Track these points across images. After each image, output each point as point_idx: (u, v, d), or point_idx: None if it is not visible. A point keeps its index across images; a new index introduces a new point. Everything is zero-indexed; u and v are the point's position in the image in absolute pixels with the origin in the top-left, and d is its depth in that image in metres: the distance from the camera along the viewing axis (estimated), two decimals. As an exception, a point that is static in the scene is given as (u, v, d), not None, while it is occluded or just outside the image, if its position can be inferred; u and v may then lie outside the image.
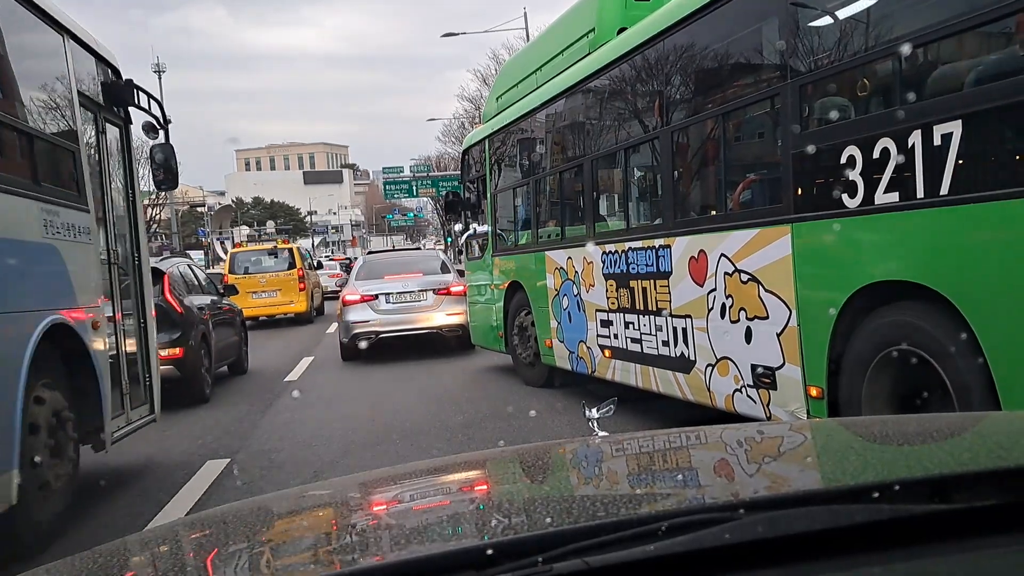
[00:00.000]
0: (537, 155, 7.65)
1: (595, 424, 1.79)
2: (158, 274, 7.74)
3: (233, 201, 78.31)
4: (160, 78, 42.03)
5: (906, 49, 3.28)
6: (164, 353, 7.08)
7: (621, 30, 6.05)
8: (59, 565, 1.07)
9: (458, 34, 25.25)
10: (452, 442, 5.76)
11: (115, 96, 5.47)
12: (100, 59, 5.31)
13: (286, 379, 9.72)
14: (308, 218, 76.01)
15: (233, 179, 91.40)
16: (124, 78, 5.61)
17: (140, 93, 5.67)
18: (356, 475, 1.57)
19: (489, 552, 0.81)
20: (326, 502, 1.36)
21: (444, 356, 10.75)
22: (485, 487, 1.40)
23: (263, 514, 1.31)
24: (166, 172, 5.84)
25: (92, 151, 5.08)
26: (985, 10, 3.00)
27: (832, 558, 0.83)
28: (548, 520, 1.02)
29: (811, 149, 3.79)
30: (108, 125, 5.39)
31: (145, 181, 12.77)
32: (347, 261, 34.37)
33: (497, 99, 8.72)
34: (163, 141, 5.82)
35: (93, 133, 5.16)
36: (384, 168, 43.79)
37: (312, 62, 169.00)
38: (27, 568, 1.09)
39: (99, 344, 4.60)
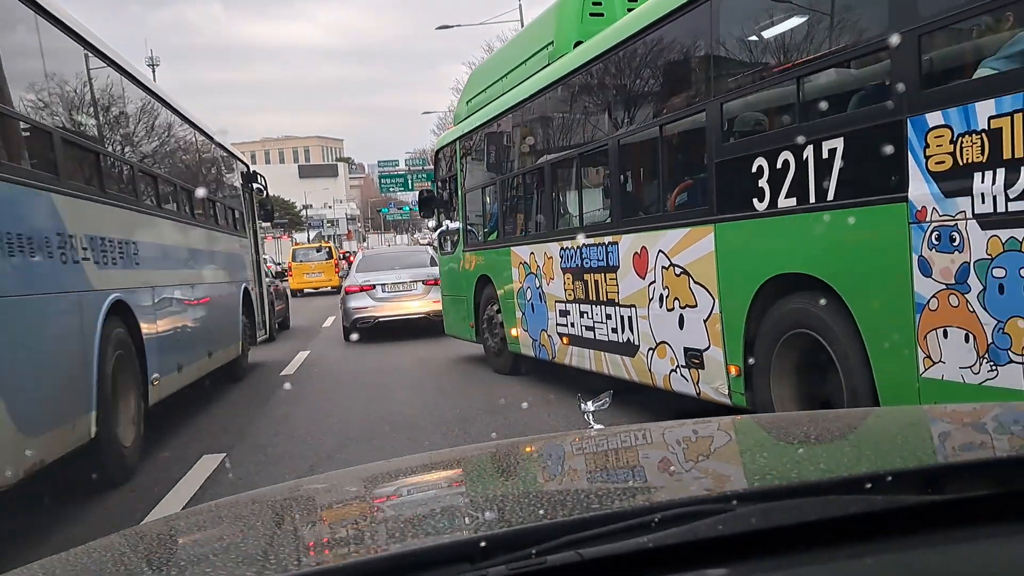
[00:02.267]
0: (502, 157, 8.20)
1: (590, 417, 1.78)
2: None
3: (227, 194, 77.83)
4: (154, 71, 42.19)
5: (801, 77, 3.88)
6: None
7: (577, 43, 6.61)
8: (54, 560, 1.05)
9: (453, 26, 25.39)
10: (448, 436, 5.75)
11: (247, 179, 11.18)
12: (244, 163, 11.23)
13: (282, 372, 9.79)
14: (304, 212, 75.80)
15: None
16: (251, 170, 11.46)
17: (257, 175, 11.61)
18: (351, 468, 1.55)
19: (483, 544, 0.81)
20: (321, 495, 1.36)
21: (436, 349, 11.27)
22: (480, 480, 1.40)
23: (258, 508, 1.30)
24: (267, 212, 12.48)
25: (244, 207, 10.77)
26: (859, 48, 3.60)
27: (826, 549, 0.84)
28: (542, 512, 1.03)
29: (729, 159, 4.38)
30: (246, 193, 11.03)
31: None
32: (347, 254, 36.42)
33: (467, 103, 9.25)
34: (265, 196, 12.13)
35: (244, 198, 10.86)
36: (379, 161, 43.95)
37: (306, 56, 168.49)
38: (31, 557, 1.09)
39: (253, 297, 10.33)
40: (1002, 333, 2.93)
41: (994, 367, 2.97)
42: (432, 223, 10.49)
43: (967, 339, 3.07)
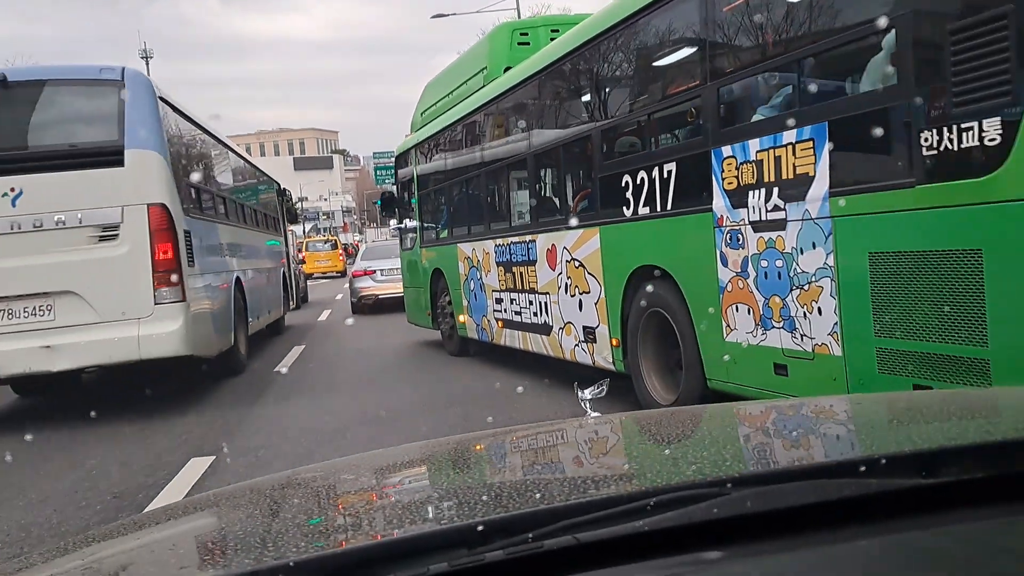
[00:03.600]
0: (448, 165, 9.30)
1: (587, 405, 1.78)
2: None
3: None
4: (148, 63, 42.78)
5: (650, 114, 5.01)
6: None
7: (507, 69, 7.70)
8: (52, 550, 1.08)
9: (448, 15, 26.02)
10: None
11: (280, 193, 15.43)
12: (277, 183, 15.34)
13: (276, 369, 9.36)
14: (299, 204, 76.04)
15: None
16: (282, 187, 15.99)
17: (286, 190, 16.26)
18: (348, 457, 1.58)
19: (480, 529, 0.83)
20: (319, 483, 1.37)
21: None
22: (477, 467, 1.42)
23: (256, 496, 1.32)
24: (292, 215, 17.65)
25: (279, 214, 15.01)
26: (682, 96, 4.74)
27: (820, 532, 0.85)
28: (539, 498, 1.04)
29: (607, 175, 5.51)
30: (280, 203, 15.21)
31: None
32: (345, 246, 42.39)
33: (421, 113, 10.33)
34: (291, 204, 17.17)
35: (278, 208, 14.97)
36: (375, 153, 44.37)
37: (302, 48, 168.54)
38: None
39: (288, 278, 14.37)
40: (767, 307, 4.07)
41: (764, 332, 4.11)
42: (394, 222, 11.58)
43: (748, 312, 4.21)
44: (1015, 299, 2.81)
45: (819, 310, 3.70)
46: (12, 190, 6.55)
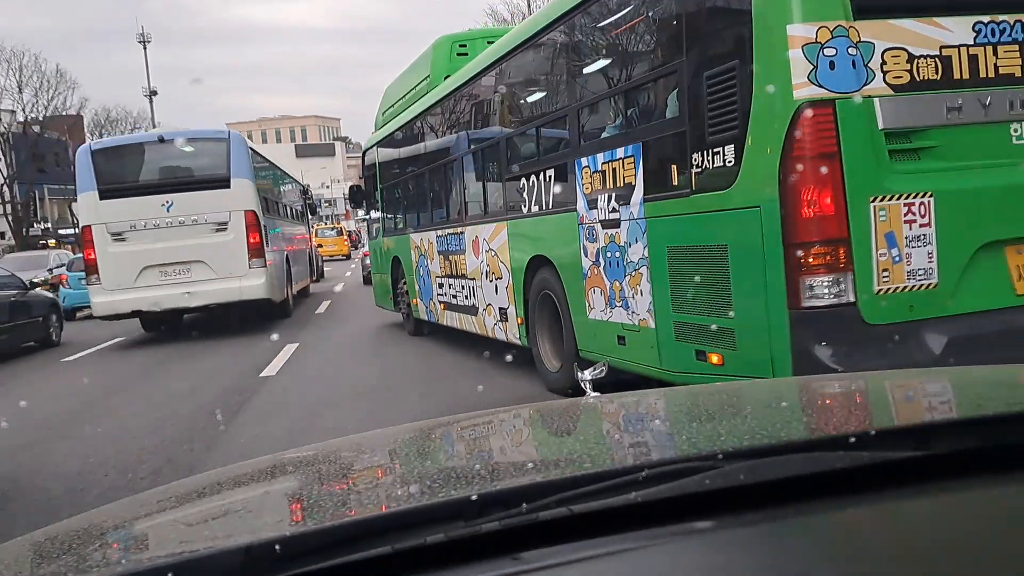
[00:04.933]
0: (401, 163, 10.22)
1: (588, 385, 1.79)
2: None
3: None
4: (145, 47, 43.57)
5: (538, 128, 5.92)
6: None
7: (447, 78, 8.59)
8: (48, 531, 1.10)
9: None
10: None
11: (304, 192, 20.13)
12: (302, 185, 20.47)
13: (262, 374, 8.14)
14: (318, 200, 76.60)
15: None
16: (306, 186, 21.19)
17: (308, 188, 21.08)
18: (344, 437, 1.60)
19: (476, 500, 0.85)
20: (317, 461, 1.38)
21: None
22: (475, 444, 1.45)
23: (253, 474, 1.33)
24: (312, 208, 21.28)
25: (304, 210, 19.54)
26: (559, 113, 5.66)
27: (813, 503, 0.86)
28: (534, 471, 1.08)
29: (506, 178, 6.43)
30: (304, 199, 19.76)
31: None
32: (350, 233, 47.48)
33: (383, 113, 11.23)
34: (311, 199, 21.11)
35: (302, 204, 19.38)
36: None
37: (304, 36, 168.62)
38: None
39: (311, 257, 19.51)
40: (612, 290, 5.00)
41: (611, 310, 5.03)
42: (361, 212, 12.50)
43: (601, 294, 5.14)
44: (748, 283, 3.73)
45: (641, 292, 4.62)
46: (167, 202, 11.29)
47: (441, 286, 8.69)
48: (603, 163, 4.95)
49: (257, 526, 1.00)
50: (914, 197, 3.45)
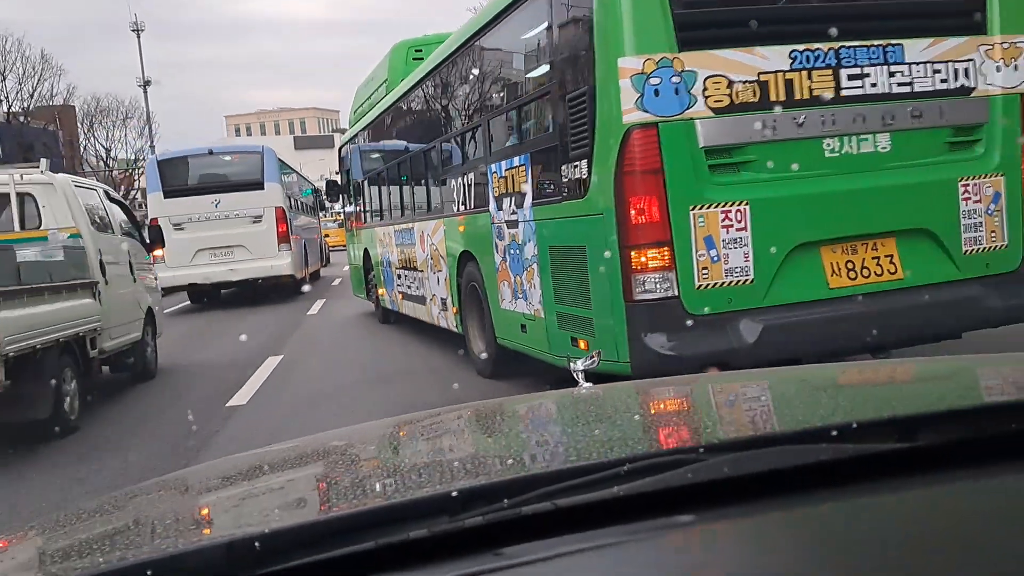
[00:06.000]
0: (366, 161, 10.81)
1: (580, 376, 1.81)
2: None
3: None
4: (139, 36, 43.11)
5: (458, 137, 6.48)
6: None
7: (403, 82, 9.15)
8: (51, 519, 1.14)
9: None
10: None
11: (315, 192, 21.59)
12: (313, 185, 22.71)
13: (229, 403, 6.42)
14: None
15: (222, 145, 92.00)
16: (315, 188, 22.12)
17: (318, 190, 21.08)
18: (326, 432, 1.58)
19: (459, 495, 0.85)
20: (299, 456, 1.40)
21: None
22: (458, 439, 1.45)
23: (232, 473, 1.34)
24: (322, 205, 22.95)
25: (315, 205, 22.05)
26: (474, 125, 6.21)
27: (796, 496, 0.86)
28: (519, 466, 1.09)
29: (442, 179, 7.00)
30: (315, 198, 21.75)
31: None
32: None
33: (354, 112, 11.79)
34: (322, 198, 21.35)
35: (315, 201, 21.82)
36: None
37: (302, 29, 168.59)
38: None
39: (319, 243, 22.16)
40: (515, 283, 5.56)
41: (515, 301, 5.60)
42: (338, 206, 13.12)
43: (508, 287, 5.71)
44: (600, 279, 4.29)
45: (534, 286, 5.19)
46: (216, 200, 14.32)
47: (399, 277, 9.28)
48: (506, 170, 5.51)
49: (240, 522, 0.99)
50: (731, 205, 4.00)
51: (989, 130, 4.42)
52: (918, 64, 4.25)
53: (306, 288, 15.94)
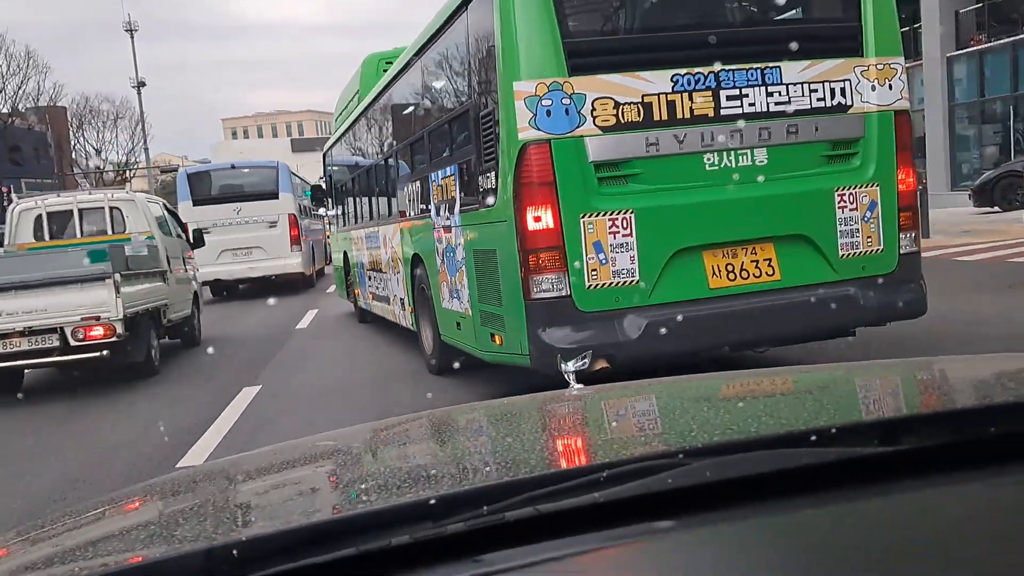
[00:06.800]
0: (343, 168, 11.32)
1: (571, 377, 1.79)
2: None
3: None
4: (132, 37, 43.31)
5: (409, 145, 6.96)
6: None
7: (374, 92, 9.63)
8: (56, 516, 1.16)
9: None
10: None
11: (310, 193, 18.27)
12: (298, 176, 20.63)
13: (182, 461, 4.93)
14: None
15: (219, 148, 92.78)
16: (300, 179, 20.79)
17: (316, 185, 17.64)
18: (306, 437, 1.56)
19: (438, 502, 0.85)
20: (281, 461, 1.39)
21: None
22: (441, 443, 1.45)
23: (214, 478, 1.35)
24: (318, 200, 18.00)
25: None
26: (419, 138, 6.69)
27: (779, 501, 0.86)
28: (500, 470, 1.08)
29: (398, 187, 7.47)
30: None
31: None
32: None
33: (335, 120, 12.31)
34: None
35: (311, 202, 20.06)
36: None
37: (299, 31, 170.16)
38: None
39: (324, 245, 20.05)
40: (451, 284, 6.02)
41: (451, 300, 6.06)
42: (323, 210, 13.64)
43: (446, 287, 6.17)
44: (507, 280, 4.75)
45: (465, 286, 5.65)
46: (238, 208, 16.67)
47: (370, 279, 9.76)
48: (442, 179, 5.98)
49: (219, 528, 0.99)
50: (617, 214, 4.46)
51: (865, 144, 4.85)
52: (795, 84, 4.69)
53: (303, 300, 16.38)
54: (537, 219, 4.42)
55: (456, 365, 6.08)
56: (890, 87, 4.87)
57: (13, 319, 7.29)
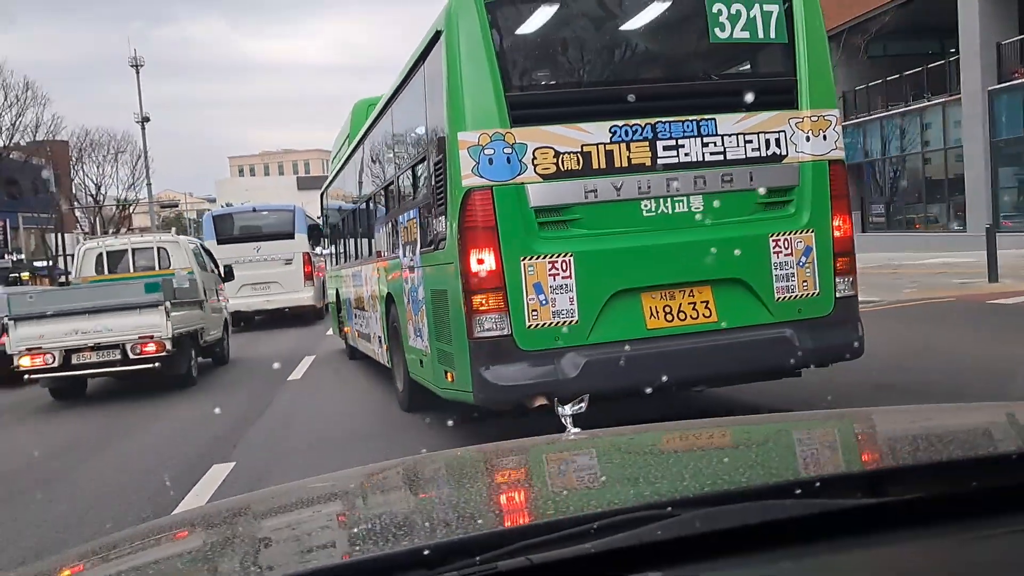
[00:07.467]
0: (334, 209, 11.67)
1: (568, 420, 1.80)
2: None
3: (223, 206, 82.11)
4: (138, 71, 44.71)
5: (384, 190, 7.25)
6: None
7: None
8: (70, 555, 1.19)
9: None
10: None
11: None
12: (310, 217, 20.14)
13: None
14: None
15: (224, 185, 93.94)
16: (312, 222, 19.15)
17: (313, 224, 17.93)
18: (300, 481, 1.55)
19: (432, 552, 0.86)
20: (272, 510, 1.41)
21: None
22: (437, 489, 1.46)
23: (210, 522, 1.36)
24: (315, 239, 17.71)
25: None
26: (388, 183, 6.98)
27: (767, 552, 0.88)
28: (496, 519, 1.12)
29: (375, 228, 7.75)
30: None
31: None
32: None
33: (331, 162, 12.68)
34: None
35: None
36: None
37: (306, 71, 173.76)
38: None
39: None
40: (415, 322, 6.25)
41: (416, 338, 6.29)
42: (320, 248, 13.99)
43: (411, 326, 6.40)
44: (455, 319, 4.96)
45: (425, 324, 5.88)
46: (257, 247, 18.48)
47: (356, 316, 10.02)
48: (407, 221, 6.25)
49: (218, 573, 0.99)
50: (557, 256, 4.69)
51: (800, 192, 5.07)
52: (731, 135, 4.93)
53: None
54: (480, 261, 4.65)
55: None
56: (824, 137, 5.10)
57: (85, 337, 9.09)
